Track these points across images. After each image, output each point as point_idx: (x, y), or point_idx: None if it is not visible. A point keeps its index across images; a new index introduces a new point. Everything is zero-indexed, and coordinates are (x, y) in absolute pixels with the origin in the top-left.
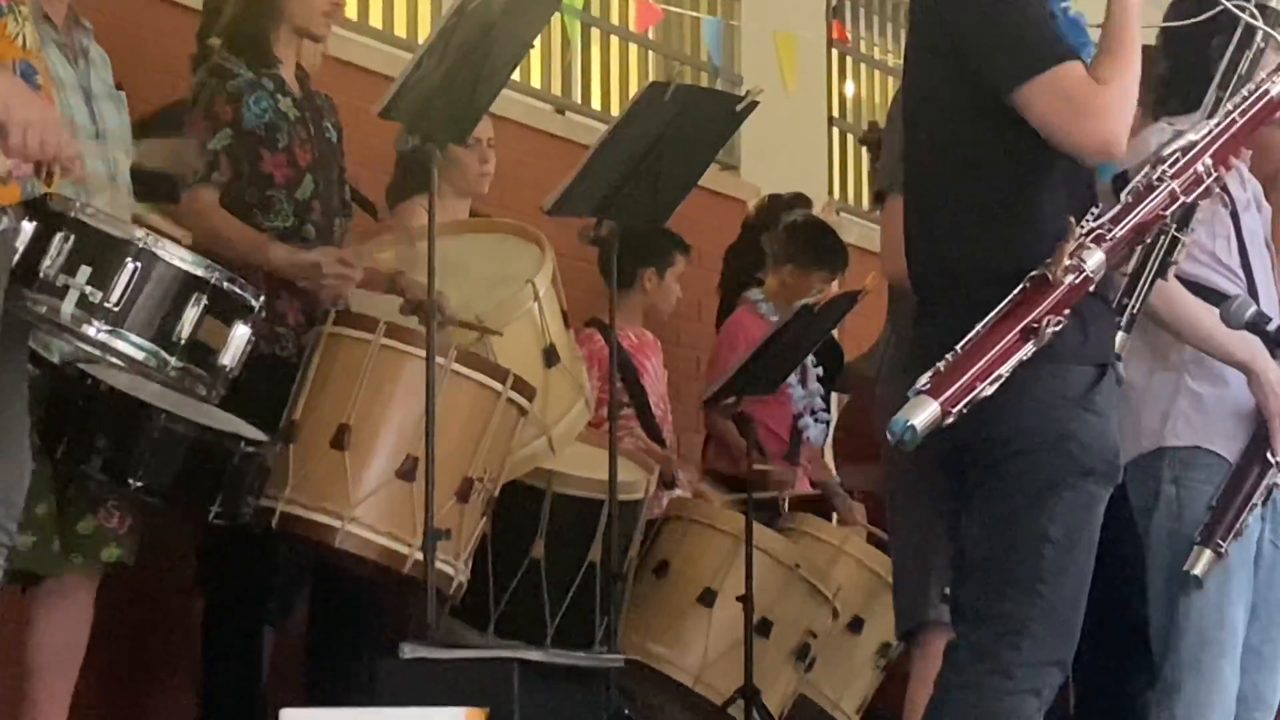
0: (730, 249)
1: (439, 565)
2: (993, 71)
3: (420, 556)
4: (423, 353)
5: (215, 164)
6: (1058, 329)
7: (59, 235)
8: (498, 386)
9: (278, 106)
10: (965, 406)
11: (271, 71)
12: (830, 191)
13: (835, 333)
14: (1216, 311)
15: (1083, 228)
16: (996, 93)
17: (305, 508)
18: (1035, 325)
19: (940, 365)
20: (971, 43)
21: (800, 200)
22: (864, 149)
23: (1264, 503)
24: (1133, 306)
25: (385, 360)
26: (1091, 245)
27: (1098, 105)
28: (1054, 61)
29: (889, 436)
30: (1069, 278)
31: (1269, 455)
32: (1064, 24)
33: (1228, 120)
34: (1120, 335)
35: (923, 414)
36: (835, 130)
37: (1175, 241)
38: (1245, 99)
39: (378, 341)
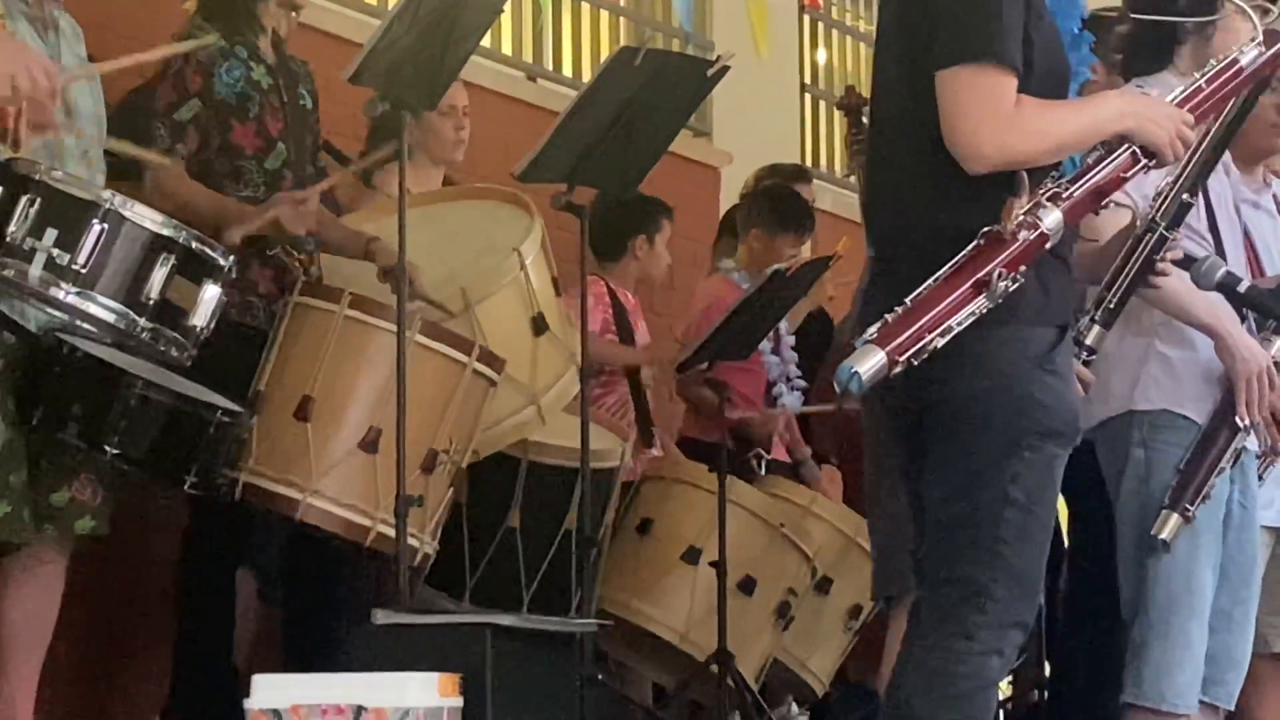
0: (725, 217)
1: (388, 534)
2: (937, 43)
3: (383, 529)
4: (386, 324)
5: (181, 135)
6: (1012, 285)
7: (25, 198)
8: (463, 358)
9: (250, 75)
10: (914, 356)
11: (245, 39)
12: (802, 158)
13: (824, 304)
14: (1185, 275)
15: (1043, 188)
16: (930, 66)
17: (269, 479)
18: (986, 278)
19: (888, 316)
20: (939, 10)
21: (801, 174)
22: (841, 114)
23: (1232, 465)
24: (1110, 301)
25: (349, 331)
26: (1048, 204)
27: (1000, 116)
28: (994, 60)
29: (835, 385)
30: (1023, 234)
31: (1237, 419)
32: (1069, 40)
33: (1194, 88)
34: (1096, 329)
35: (868, 362)
36: (807, 96)
37: (1163, 240)
38: (1214, 68)
39: (341, 313)
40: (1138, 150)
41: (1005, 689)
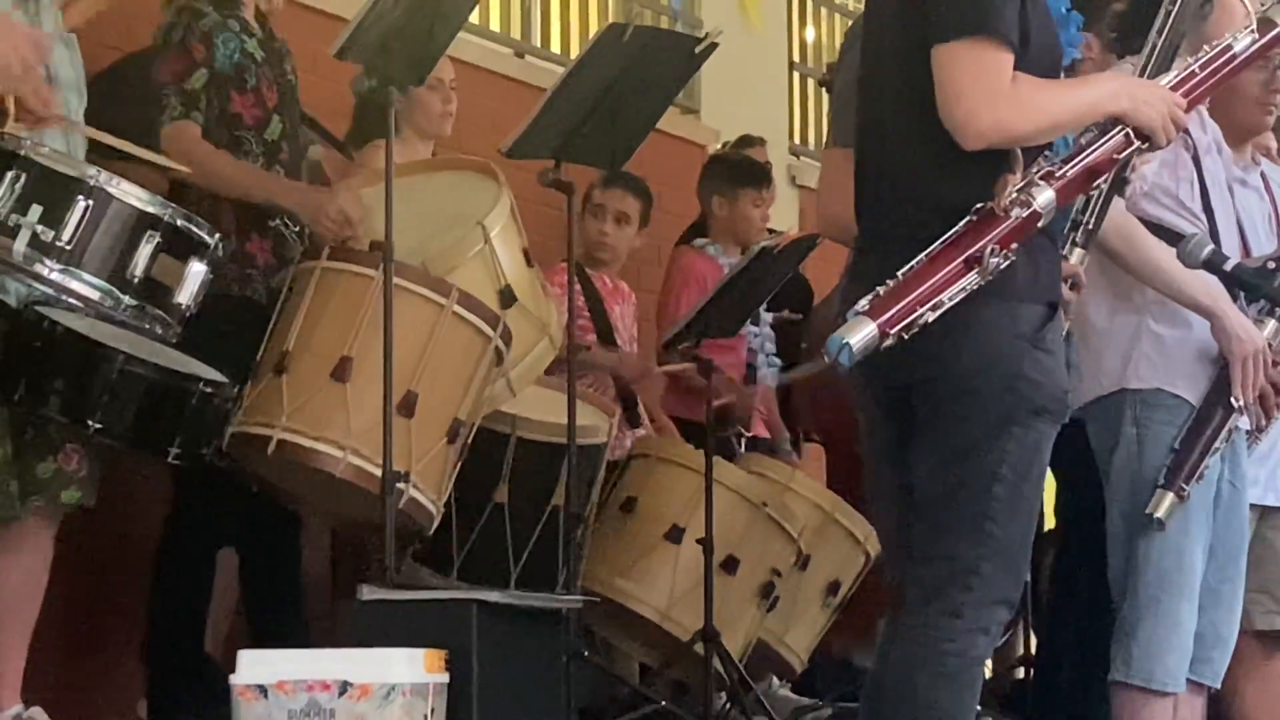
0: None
1: (423, 501)
2: (935, 17)
3: (414, 493)
4: (423, 290)
5: (195, 103)
6: (1003, 263)
7: (9, 174)
8: (490, 333)
9: (244, 48)
10: (904, 331)
11: (235, 13)
12: (790, 135)
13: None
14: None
15: (1036, 166)
16: (927, 40)
17: (306, 436)
18: (978, 255)
19: (880, 289)
20: None
21: (747, 141)
22: (824, 91)
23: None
24: (1087, 222)
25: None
26: (1041, 182)
27: (997, 92)
28: (992, 35)
29: (825, 357)
30: (1016, 211)
31: (1231, 399)
32: (1059, 19)
33: (1187, 73)
34: (1078, 252)
35: (859, 334)
36: (796, 74)
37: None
38: (1207, 54)
39: (380, 277)
40: (1131, 132)
41: (990, 667)
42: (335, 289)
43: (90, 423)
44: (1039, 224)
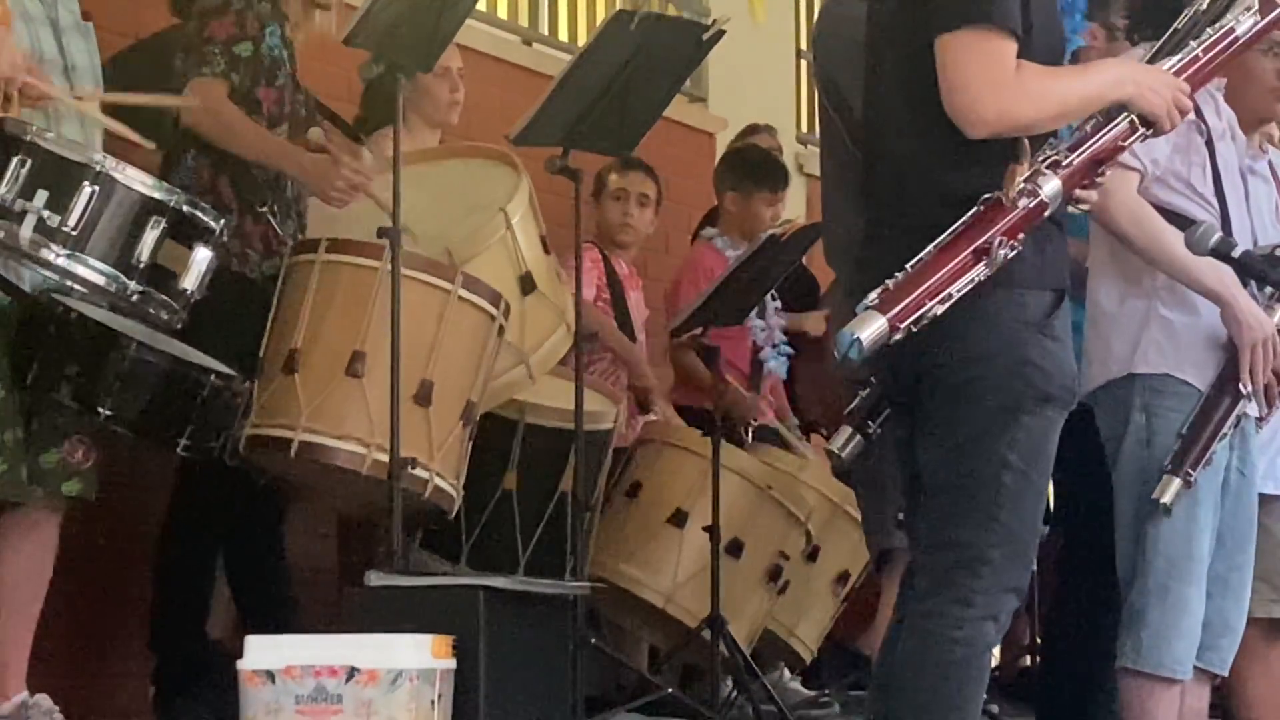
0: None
1: (445, 487)
2: (939, 7)
3: (439, 482)
4: (428, 278)
5: (235, 67)
6: (1011, 253)
7: (15, 159)
8: (494, 312)
9: (284, 50)
10: (913, 324)
11: (281, 20)
12: (798, 123)
13: (807, 264)
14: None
15: (1042, 155)
16: (930, 31)
17: (327, 435)
18: (987, 246)
19: (889, 283)
20: None
21: (755, 129)
22: None
23: (1233, 431)
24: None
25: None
26: (1047, 172)
27: (1000, 80)
28: (994, 23)
29: (835, 352)
30: (1023, 201)
31: (1240, 385)
32: (1063, 6)
33: (1190, 57)
34: None
35: (869, 328)
36: (803, 62)
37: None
38: (1210, 36)
39: (384, 268)
40: (1135, 119)
41: (995, 655)
42: (339, 282)
43: (101, 409)
44: (1046, 213)
